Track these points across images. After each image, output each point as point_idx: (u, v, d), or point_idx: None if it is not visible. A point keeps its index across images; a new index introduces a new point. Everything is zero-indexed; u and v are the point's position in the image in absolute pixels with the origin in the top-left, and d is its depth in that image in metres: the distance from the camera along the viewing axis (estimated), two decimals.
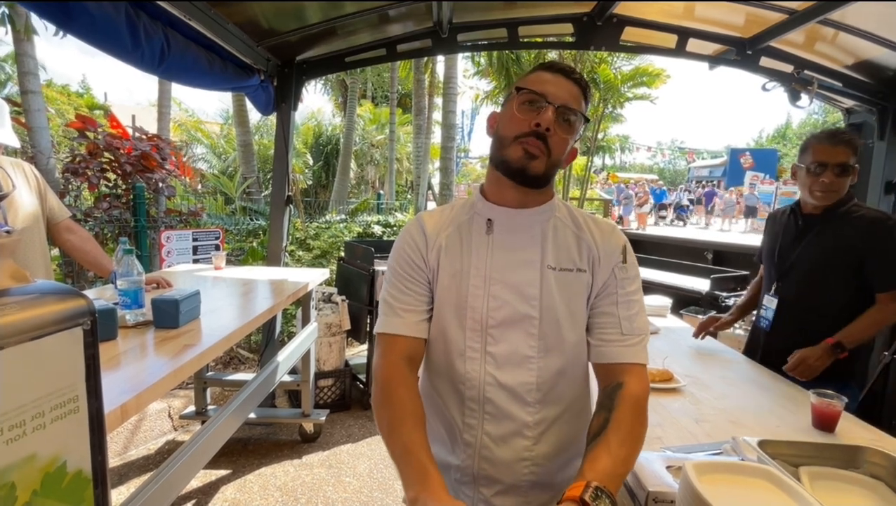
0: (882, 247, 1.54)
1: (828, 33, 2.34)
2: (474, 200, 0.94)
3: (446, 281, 0.89)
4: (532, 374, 0.86)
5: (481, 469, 0.89)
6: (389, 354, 0.88)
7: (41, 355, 0.45)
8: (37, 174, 1.91)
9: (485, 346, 0.87)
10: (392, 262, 0.95)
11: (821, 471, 0.94)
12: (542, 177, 0.86)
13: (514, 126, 0.85)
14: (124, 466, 2.51)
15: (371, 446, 2.82)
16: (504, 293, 0.87)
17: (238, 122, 8.87)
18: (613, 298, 0.88)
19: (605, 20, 2.59)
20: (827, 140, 1.58)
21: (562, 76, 0.86)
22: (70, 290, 0.51)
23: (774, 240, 1.81)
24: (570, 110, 0.84)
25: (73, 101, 13.54)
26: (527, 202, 0.89)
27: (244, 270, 2.85)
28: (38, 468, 0.46)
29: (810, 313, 1.64)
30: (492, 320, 0.87)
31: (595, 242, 0.90)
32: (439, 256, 0.91)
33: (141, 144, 3.79)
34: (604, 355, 0.87)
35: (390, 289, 0.92)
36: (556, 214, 0.92)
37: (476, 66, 12.44)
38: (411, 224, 0.96)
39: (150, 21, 1.80)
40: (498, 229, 0.90)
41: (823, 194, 1.60)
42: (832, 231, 1.62)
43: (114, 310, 1.38)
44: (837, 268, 1.60)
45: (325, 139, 15.58)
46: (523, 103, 0.85)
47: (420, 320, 0.90)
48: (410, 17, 2.63)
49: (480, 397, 0.88)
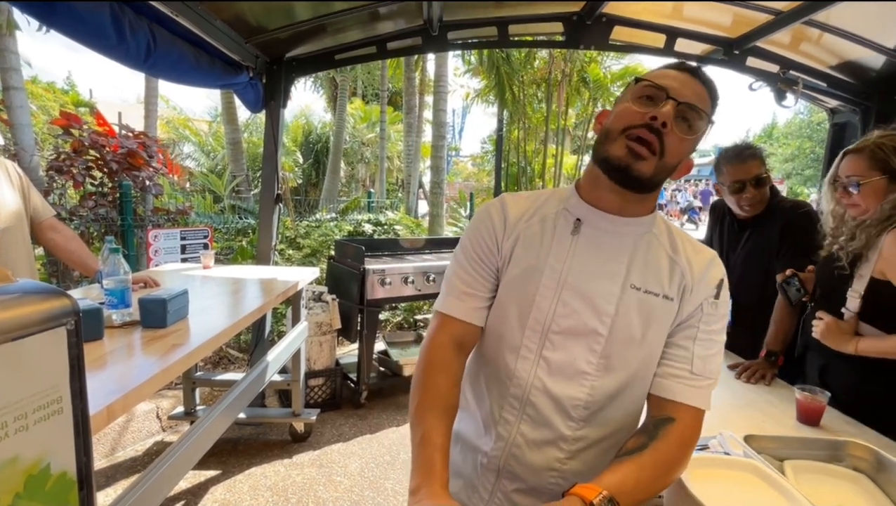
0: (788, 232, 1.65)
1: (813, 34, 2.37)
2: (568, 195, 0.86)
3: (516, 272, 0.83)
4: (584, 390, 0.80)
5: (508, 464, 0.86)
6: (440, 334, 0.85)
7: (23, 356, 0.44)
8: (20, 172, 1.88)
9: (541, 349, 0.81)
10: (465, 239, 0.89)
11: (805, 464, 0.96)
12: (649, 181, 0.76)
13: (625, 118, 0.76)
14: (112, 467, 2.48)
15: (362, 446, 2.81)
16: (575, 301, 0.80)
17: (227, 119, 8.77)
18: (693, 333, 0.80)
19: (595, 19, 2.60)
20: (736, 159, 1.67)
21: (689, 75, 0.77)
22: (53, 289, 0.51)
23: (717, 239, 1.91)
24: (693, 109, 0.75)
25: (58, 97, 13.30)
26: (625, 209, 0.80)
27: (233, 269, 2.82)
28: (21, 471, 0.45)
29: (758, 314, 1.70)
30: (555, 326, 0.80)
31: (691, 270, 0.81)
32: (515, 245, 0.84)
33: (127, 141, 3.74)
34: (663, 389, 0.79)
35: (457, 268, 0.88)
36: (654, 229, 0.83)
37: (467, 65, 12.42)
38: (492, 205, 0.89)
39: (135, 16, 1.77)
40: (585, 232, 0.82)
41: (752, 207, 1.70)
42: (761, 233, 1.72)
43: (100, 310, 1.36)
44: (771, 266, 1.69)
45: (316, 137, 15.48)
46: (641, 96, 0.76)
47: (480, 307, 0.86)
48: (400, 15, 2.62)
49: (524, 398, 0.83)
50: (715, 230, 1.95)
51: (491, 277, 0.87)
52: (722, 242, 1.90)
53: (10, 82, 3.67)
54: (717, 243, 1.93)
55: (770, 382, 1.52)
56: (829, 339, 1.38)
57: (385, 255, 3.72)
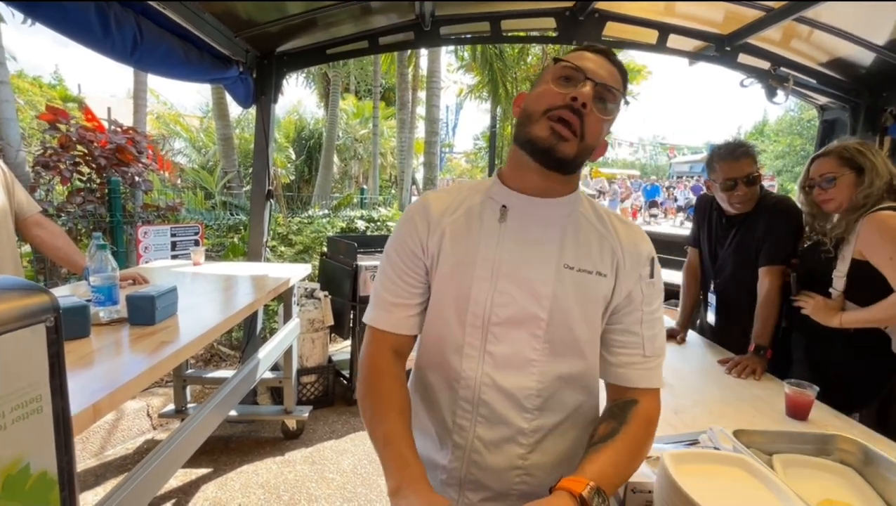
0: (772, 226, 1.69)
1: (803, 31, 2.39)
2: (490, 184, 0.86)
3: (447, 269, 0.82)
4: (533, 378, 0.80)
5: (469, 474, 0.83)
6: (375, 347, 0.84)
7: (0, 354, 0.43)
8: (4, 168, 1.85)
9: (484, 344, 0.80)
10: (388, 247, 0.87)
11: (793, 458, 0.96)
12: (572, 162, 0.76)
13: (546, 99, 0.76)
14: (101, 466, 2.45)
15: (354, 442, 2.81)
16: (512, 289, 0.78)
17: (218, 115, 8.69)
18: (638, 316, 0.81)
19: (587, 15, 2.60)
20: (730, 157, 1.69)
21: (604, 58, 0.78)
22: (32, 285, 0.49)
23: (705, 235, 1.93)
24: (609, 89, 0.76)
25: (45, 92, 13.11)
26: (549, 190, 0.80)
27: (224, 266, 2.80)
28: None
29: (746, 306, 1.73)
30: (495, 317, 0.79)
31: (621, 244, 0.82)
32: (441, 242, 0.82)
33: (116, 136, 3.69)
34: (621, 378, 0.82)
35: (383, 278, 0.86)
36: (580, 208, 0.83)
37: (460, 61, 12.40)
38: (414, 207, 0.87)
39: (121, 9, 1.74)
40: (513, 218, 0.81)
41: (742, 204, 1.72)
42: (749, 226, 1.75)
43: (86, 306, 1.35)
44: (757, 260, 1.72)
45: (308, 133, 15.37)
46: (560, 77, 0.76)
47: (411, 316, 0.85)
48: (393, 10, 2.60)
49: (475, 399, 0.81)
50: (703, 226, 1.95)
51: (420, 283, 0.85)
52: (710, 238, 1.90)
53: None
54: (706, 239, 1.93)
55: (760, 376, 1.53)
56: (818, 315, 1.54)
57: (378, 251, 3.71)
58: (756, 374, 1.54)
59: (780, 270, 1.67)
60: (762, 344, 1.61)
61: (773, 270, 1.67)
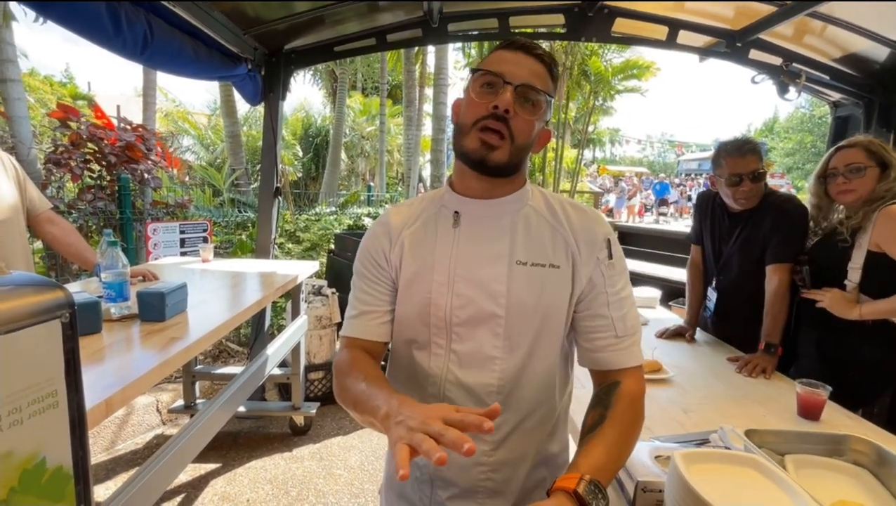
0: (779, 224, 1.68)
1: (816, 26, 2.35)
2: (443, 193, 0.89)
3: (409, 277, 0.85)
4: (494, 375, 0.82)
5: (437, 471, 0.85)
6: (347, 351, 0.86)
7: (17, 349, 0.44)
8: (16, 165, 1.87)
9: (449, 343, 0.83)
10: (356, 262, 0.91)
11: (806, 459, 0.95)
12: (507, 166, 0.79)
13: (472, 111, 0.79)
14: (112, 460, 2.48)
15: (362, 439, 2.82)
16: (469, 290, 0.81)
17: (226, 112, 8.74)
18: (604, 299, 0.82)
19: (597, 11, 2.57)
20: (737, 152, 1.67)
21: (522, 53, 0.79)
22: (47, 281, 0.50)
23: (707, 232, 1.92)
24: (531, 89, 0.77)
25: (55, 90, 13.24)
26: (494, 192, 0.83)
27: (232, 263, 2.82)
28: (16, 465, 0.44)
29: (749, 303, 1.73)
30: (456, 319, 0.82)
31: (574, 233, 0.83)
32: (402, 253, 0.86)
33: (126, 134, 3.72)
34: (599, 362, 0.83)
35: (354, 291, 0.89)
36: (530, 202, 0.86)
37: (467, 58, 12.36)
38: (377, 222, 0.92)
39: (132, 7, 1.75)
40: (465, 222, 0.84)
41: (747, 200, 1.71)
42: (754, 225, 1.74)
43: (97, 303, 1.36)
44: (763, 258, 1.71)
45: (315, 130, 15.42)
46: (481, 86, 0.78)
47: (381, 323, 0.87)
48: (400, 7, 2.59)
49: (441, 396, 0.83)
50: (705, 223, 1.93)
51: (388, 291, 0.88)
52: (714, 235, 1.88)
53: (6, 74, 3.65)
54: (708, 236, 1.91)
55: (770, 375, 1.52)
56: (835, 308, 1.53)
57: None
58: (766, 373, 1.53)
59: (789, 268, 1.66)
60: (773, 342, 1.59)
61: (781, 267, 1.65)
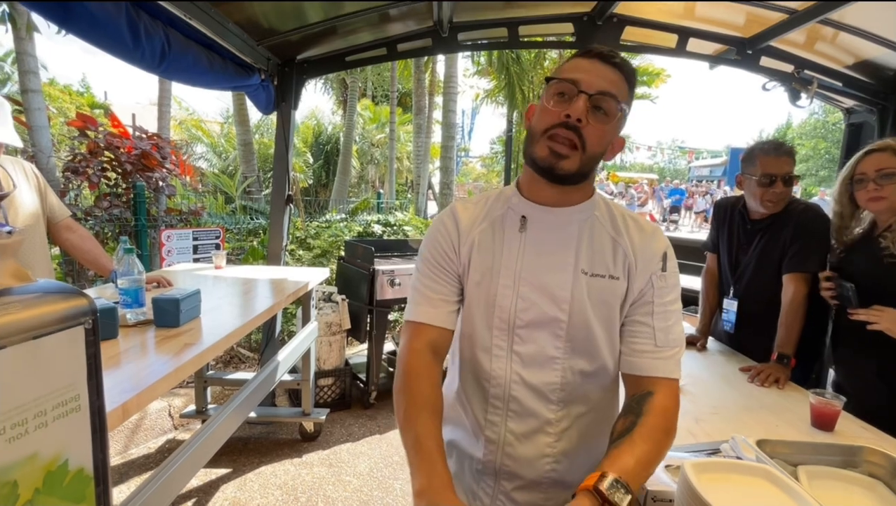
0: (799, 232, 1.63)
1: (828, 33, 2.34)
2: (510, 195, 0.90)
3: (477, 277, 0.87)
4: (556, 374, 0.85)
5: (503, 464, 0.89)
6: (415, 342, 0.87)
7: (43, 354, 0.45)
8: (37, 173, 1.92)
9: (511, 344, 0.86)
10: (424, 250, 0.92)
11: (819, 470, 0.94)
12: (576, 174, 0.80)
13: (544, 119, 0.80)
14: (125, 464, 2.51)
15: (371, 446, 2.82)
16: (533, 295, 0.84)
17: (238, 120, 8.87)
18: (649, 308, 0.84)
19: (606, 20, 2.58)
20: (773, 152, 1.64)
21: (599, 61, 0.79)
22: (72, 289, 0.52)
23: (725, 240, 1.88)
24: (606, 97, 0.77)
25: (74, 99, 13.53)
26: (563, 200, 0.85)
27: (244, 270, 2.85)
28: (40, 467, 0.46)
29: (769, 313, 1.68)
30: (519, 321, 0.85)
31: (633, 247, 0.85)
32: (471, 252, 0.88)
33: (141, 143, 3.80)
34: (634, 366, 0.84)
35: (421, 277, 0.90)
36: (595, 212, 0.87)
37: (476, 66, 12.42)
38: (445, 214, 0.93)
39: (151, 20, 1.80)
40: (532, 228, 0.86)
41: (774, 204, 1.66)
42: (775, 233, 1.70)
43: (114, 309, 1.39)
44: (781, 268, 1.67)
45: (326, 138, 15.57)
46: (555, 94, 0.80)
47: (449, 311, 0.89)
48: (411, 17, 2.62)
49: (505, 396, 0.87)
50: (722, 231, 1.89)
51: (455, 282, 0.90)
52: (731, 243, 1.85)
53: (28, 85, 3.75)
54: (725, 244, 1.88)
55: (783, 385, 1.50)
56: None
57: (394, 255, 3.73)
58: (780, 383, 1.50)
59: (807, 278, 1.61)
60: (786, 353, 1.57)
61: (799, 277, 1.61)
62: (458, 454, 0.96)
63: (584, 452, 0.89)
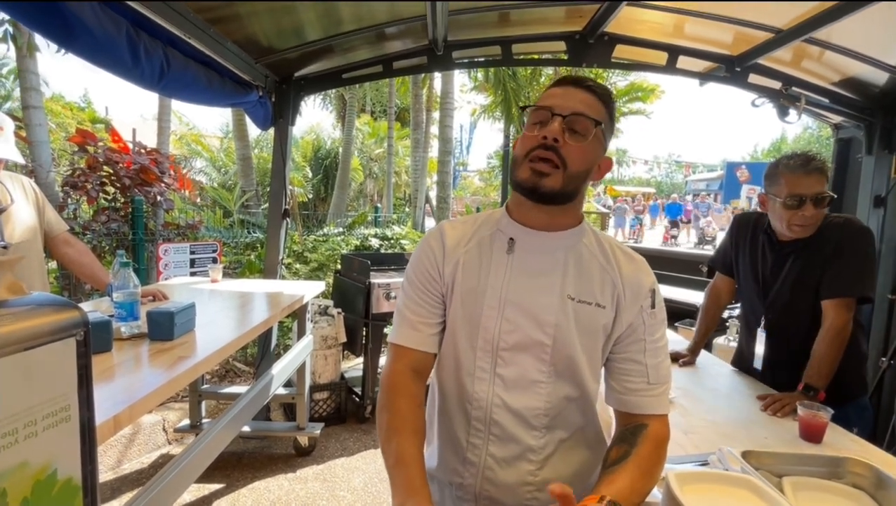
0: (839, 250, 1.44)
1: (814, 51, 2.39)
2: (499, 217, 0.92)
3: (461, 297, 0.87)
4: (541, 398, 0.85)
5: (483, 489, 0.88)
6: (396, 364, 0.88)
7: (35, 365, 0.47)
8: (35, 188, 1.94)
9: (494, 367, 0.86)
10: (409, 271, 0.93)
11: (804, 481, 0.95)
12: (561, 193, 0.81)
13: (525, 144, 0.83)
14: (118, 479, 2.49)
15: (366, 460, 2.80)
16: (518, 317, 0.84)
17: (237, 136, 8.94)
18: (641, 346, 0.85)
19: (597, 38, 2.64)
20: (801, 169, 1.42)
21: (571, 87, 0.83)
22: (64, 301, 0.53)
23: (747, 262, 1.66)
24: (580, 117, 0.80)
25: (75, 115, 13.64)
26: (551, 224, 0.86)
27: (241, 283, 2.86)
28: (30, 475, 0.47)
29: (804, 346, 1.47)
30: (503, 343, 0.85)
31: (622, 277, 0.86)
32: (456, 271, 0.88)
33: (140, 158, 3.83)
34: (629, 404, 0.85)
35: (405, 299, 0.92)
36: (584, 240, 0.88)
37: (473, 81, 12.60)
38: (432, 234, 0.94)
39: (150, 39, 1.84)
40: (519, 250, 0.87)
41: (802, 228, 1.45)
42: (809, 256, 1.49)
43: (108, 322, 1.40)
44: None
45: (325, 153, 15.67)
46: (533, 123, 0.83)
47: (431, 334, 0.90)
48: (407, 35, 2.68)
49: (487, 419, 0.86)
50: (743, 250, 1.68)
51: (438, 304, 0.91)
52: (755, 265, 1.62)
53: (29, 102, 3.79)
54: (749, 267, 1.65)
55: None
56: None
57: (391, 269, 3.75)
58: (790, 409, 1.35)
59: (850, 304, 1.41)
60: (813, 385, 1.38)
61: (840, 302, 1.40)
62: (439, 482, 0.96)
63: (569, 480, 0.86)
